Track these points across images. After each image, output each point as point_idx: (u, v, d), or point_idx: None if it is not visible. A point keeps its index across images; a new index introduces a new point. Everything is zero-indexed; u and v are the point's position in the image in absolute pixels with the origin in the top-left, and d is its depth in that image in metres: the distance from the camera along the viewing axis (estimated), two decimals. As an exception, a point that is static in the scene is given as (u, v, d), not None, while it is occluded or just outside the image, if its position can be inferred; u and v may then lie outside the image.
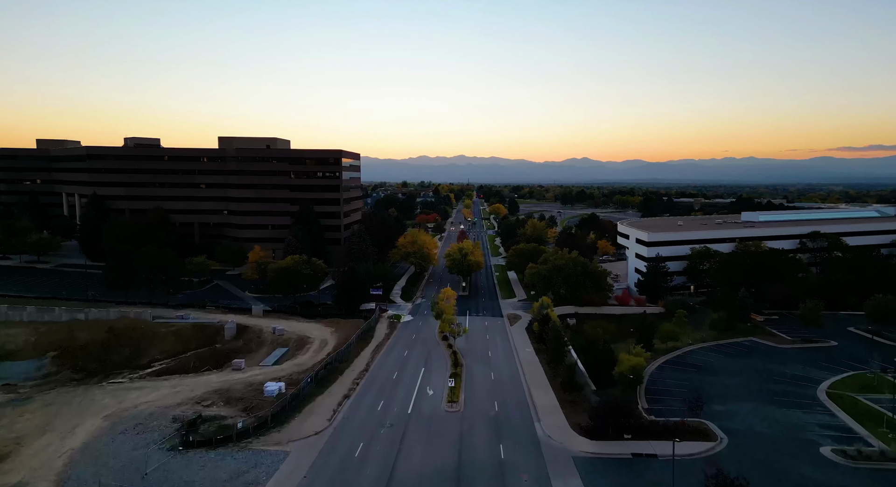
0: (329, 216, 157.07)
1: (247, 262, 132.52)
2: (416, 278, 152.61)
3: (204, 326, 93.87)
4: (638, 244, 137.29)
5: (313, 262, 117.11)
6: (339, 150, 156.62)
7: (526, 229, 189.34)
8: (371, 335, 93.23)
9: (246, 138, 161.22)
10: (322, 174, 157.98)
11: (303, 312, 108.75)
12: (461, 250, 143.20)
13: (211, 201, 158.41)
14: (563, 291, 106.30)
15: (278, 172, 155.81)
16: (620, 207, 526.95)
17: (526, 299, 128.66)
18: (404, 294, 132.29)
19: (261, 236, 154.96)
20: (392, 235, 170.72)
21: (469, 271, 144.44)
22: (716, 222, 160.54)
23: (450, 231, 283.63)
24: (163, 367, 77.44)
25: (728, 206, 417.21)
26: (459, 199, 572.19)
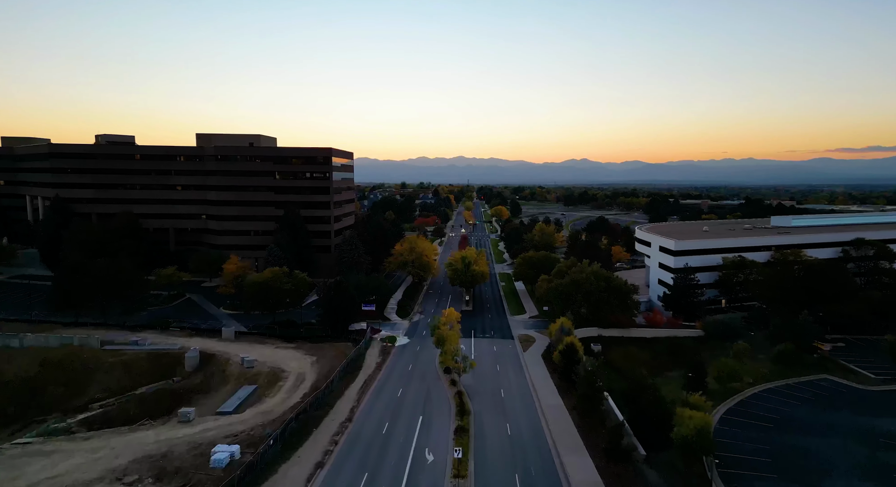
0: (318, 221, 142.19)
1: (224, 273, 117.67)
2: (414, 290, 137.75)
3: (161, 354, 78.97)
4: (662, 253, 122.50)
5: (295, 275, 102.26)
6: (329, 148, 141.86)
7: (533, 234, 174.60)
8: (360, 366, 78.35)
9: (226, 135, 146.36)
10: (310, 175, 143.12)
11: (282, 333, 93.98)
12: (464, 260, 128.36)
13: (187, 205, 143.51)
14: (585, 310, 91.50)
15: (262, 173, 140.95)
16: (625, 208, 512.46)
17: (538, 315, 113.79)
18: (400, 310, 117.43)
19: (242, 243, 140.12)
20: (388, 241, 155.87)
21: (473, 284, 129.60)
22: (744, 227, 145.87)
23: (450, 235, 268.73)
24: (98, 412, 62.58)
25: (737, 208, 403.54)
26: (460, 200, 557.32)
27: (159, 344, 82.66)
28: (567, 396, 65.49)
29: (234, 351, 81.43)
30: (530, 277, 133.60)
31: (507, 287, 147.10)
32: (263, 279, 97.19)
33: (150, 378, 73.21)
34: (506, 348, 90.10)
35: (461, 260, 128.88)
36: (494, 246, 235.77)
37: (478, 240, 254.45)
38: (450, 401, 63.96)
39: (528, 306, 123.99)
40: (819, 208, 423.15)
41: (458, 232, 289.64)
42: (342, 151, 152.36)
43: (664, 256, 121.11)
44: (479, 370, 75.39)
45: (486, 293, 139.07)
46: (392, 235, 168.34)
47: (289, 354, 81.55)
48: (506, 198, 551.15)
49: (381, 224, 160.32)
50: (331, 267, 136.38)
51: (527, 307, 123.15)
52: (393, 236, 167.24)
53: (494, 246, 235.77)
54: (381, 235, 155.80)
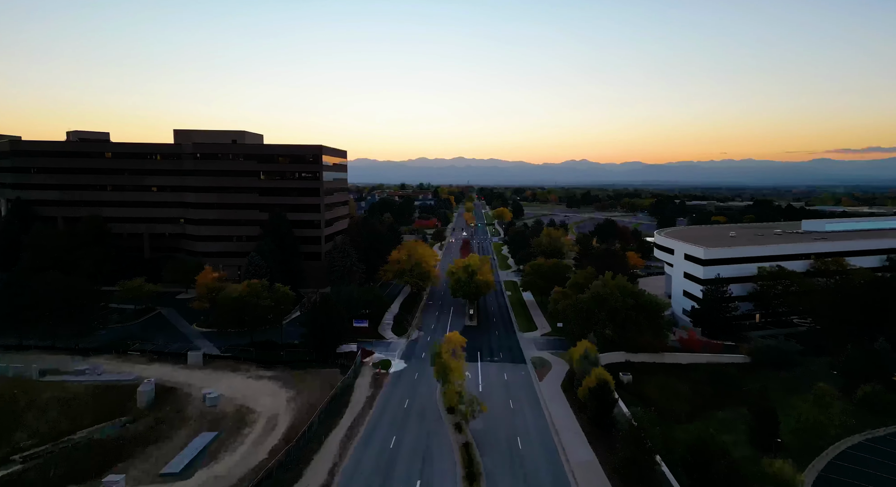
0: (307, 226, 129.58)
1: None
2: (413, 302, 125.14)
3: (110, 387, 66.46)
4: (688, 262, 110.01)
5: (276, 288, 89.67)
6: (319, 145, 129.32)
7: (541, 239, 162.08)
8: (346, 401, 65.82)
9: (207, 132, 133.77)
10: (298, 175, 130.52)
11: (260, 357, 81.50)
12: (467, 268, 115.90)
13: (164, 208, 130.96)
14: (610, 331, 78.96)
15: (245, 173, 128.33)
16: (629, 210, 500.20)
17: (551, 333, 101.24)
18: (397, 325, 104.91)
19: (224, 250, 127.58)
20: (384, 247, 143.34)
21: (477, 295, 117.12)
22: (774, 232, 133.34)
23: (450, 241, 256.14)
24: (16, 469, 49.96)
25: (745, 209, 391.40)
26: (460, 202, 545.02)
27: (110, 374, 70.07)
28: (600, 446, 52.98)
29: (199, 383, 68.85)
30: (540, 287, 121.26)
31: (514, 298, 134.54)
32: (238, 294, 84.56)
33: (94, 418, 60.60)
34: (518, 375, 77.52)
35: (464, 269, 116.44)
36: (497, 250, 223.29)
37: (480, 244, 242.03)
38: (455, 456, 51.42)
39: (539, 321, 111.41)
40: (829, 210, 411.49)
41: (458, 235, 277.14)
42: (334, 149, 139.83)
43: (691, 265, 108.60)
44: (490, 407, 62.90)
45: (492, 305, 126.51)
46: (389, 240, 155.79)
47: (263, 386, 68.95)
48: (507, 199, 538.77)
49: (376, 229, 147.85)
50: (320, 277, 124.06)
51: (538, 322, 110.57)
52: (390, 241, 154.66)
53: (497, 250, 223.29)
54: (376, 240, 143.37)
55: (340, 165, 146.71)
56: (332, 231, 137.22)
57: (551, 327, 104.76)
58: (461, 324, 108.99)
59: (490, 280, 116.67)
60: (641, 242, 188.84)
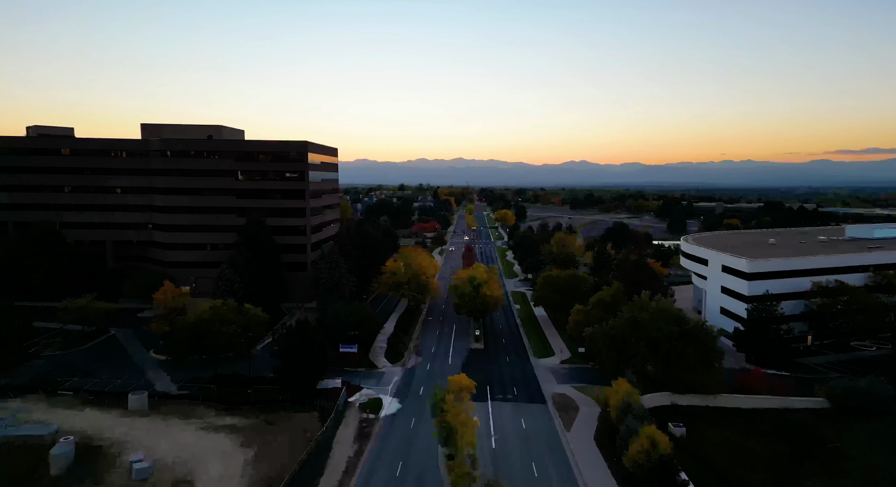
0: (291, 232, 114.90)
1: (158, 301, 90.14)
2: (410, 319, 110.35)
3: (19, 446, 51.67)
4: (728, 275, 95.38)
5: (246, 310, 74.86)
6: (305, 141, 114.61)
7: (551, 245, 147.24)
8: (322, 467, 51.07)
9: (178, 126, 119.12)
10: (282, 175, 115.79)
11: (223, 395, 66.84)
12: (472, 281, 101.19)
13: (129, 212, 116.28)
14: (652, 367, 64.20)
15: (221, 173, 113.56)
16: (635, 212, 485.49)
17: (572, 360, 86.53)
18: (391, 350, 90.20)
19: (196, 259, 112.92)
20: (379, 255, 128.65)
21: (484, 313, 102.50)
22: (818, 239, 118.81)
23: (452, 243, 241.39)
24: None
25: (757, 212, 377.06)
26: (460, 203, 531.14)
27: (24, 427, 55.27)
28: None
29: (136, 439, 54.14)
30: (555, 303, 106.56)
31: (524, 313, 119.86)
32: (198, 319, 69.76)
33: (-11, 494, 45.89)
34: (539, 422, 62.73)
35: (469, 282, 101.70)
36: (502, 256, 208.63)
37: (483, 249, 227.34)
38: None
39: (555, 342, 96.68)
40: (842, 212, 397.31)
41: (460, 239, 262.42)
42: (322, 146, 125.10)
43: (732, 279, 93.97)
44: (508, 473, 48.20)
45: (499, 322, 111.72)
46: (384, 246, 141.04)
47: (217, 442, 54.18)
48: (509, 201, 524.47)
49: (370, 234, 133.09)
50: (306, 289, 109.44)
51: (554, 344, 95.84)
52: (385, 248, 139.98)
53: (502, 256, 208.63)
54: (370, 247, 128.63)
55: (330, 165, 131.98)
56: (320, 238, 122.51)
57: (570, 351, 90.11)
58: (466, 346, 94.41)
59: (499, 296, 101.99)
60: (661, 249, 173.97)
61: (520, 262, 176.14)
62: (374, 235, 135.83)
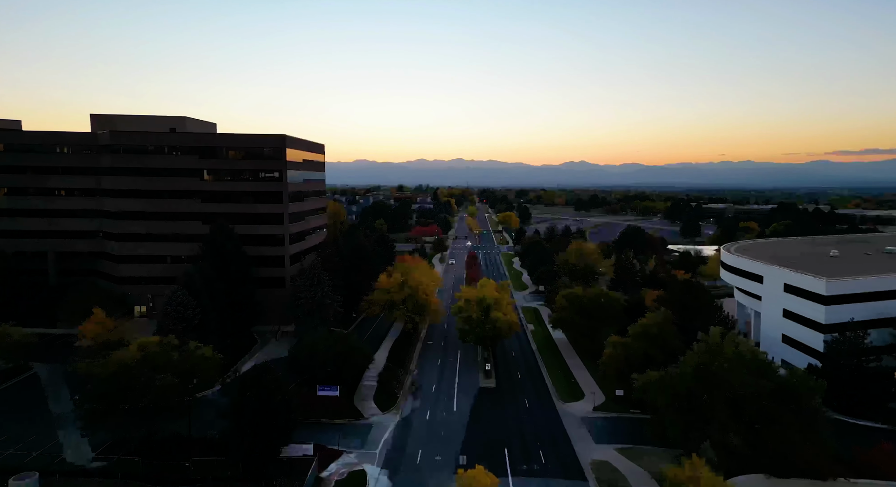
0: (266, 242, 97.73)
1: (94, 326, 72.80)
2: (405, 346, 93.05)
3: None
4: (794, 297, 78.15)
5: (190, 350, 57.51)
6: (283, 135, 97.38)
7: (568, 254, 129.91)
8: None
9: (135, 117, 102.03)
10: (255, 175, 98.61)
11: (152, 471, 49.54)
12: (482, 303, 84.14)
13: (76, 218, 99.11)
14: (736, 438, 46.79)
15: (184, 172, 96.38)
16: (643, 213, 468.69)
17: (608, 405, 69.21)
18: (382, 391, 72.97)
19: (154, 274, 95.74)
20: (371, 268, 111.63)
21: (496, 341, 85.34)
22: (886, 250, 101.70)
23: (453, 249, 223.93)
24: None
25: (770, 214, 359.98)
26: (461, 205, 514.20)
27: None
28: None
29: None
30: (579, 327, 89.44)
31: (539, 335, 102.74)
32: (119, 366, 52.39)
33: None
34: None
35: (477, 303, 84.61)
36: (508, 262, 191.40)
37: (486, 256, 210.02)
38: None
39: (582, 378, 79.41)
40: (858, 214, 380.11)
41: (462, 244, 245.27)
42: (304, 142, 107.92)
43: (801, 302, 76.72)
44: None
45: (512, 347, 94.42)
46: (378, 256, 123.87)
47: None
48: (511, 202, 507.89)
49: (362, 244, 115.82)
50: (282, 312, 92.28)
51: (581, 380, 78.58)
52: (380, 259, 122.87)
53: (508, 262, 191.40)
54: (361, 258, 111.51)
55: (314, 163, 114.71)
56: (302, 248, 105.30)
57: (604, 392, 72.88)
58: (474, 383, 77.26)
59: (513, 320, 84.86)
60: (688, 257, 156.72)
61: (529, 271, 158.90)
62: (366, 244, 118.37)
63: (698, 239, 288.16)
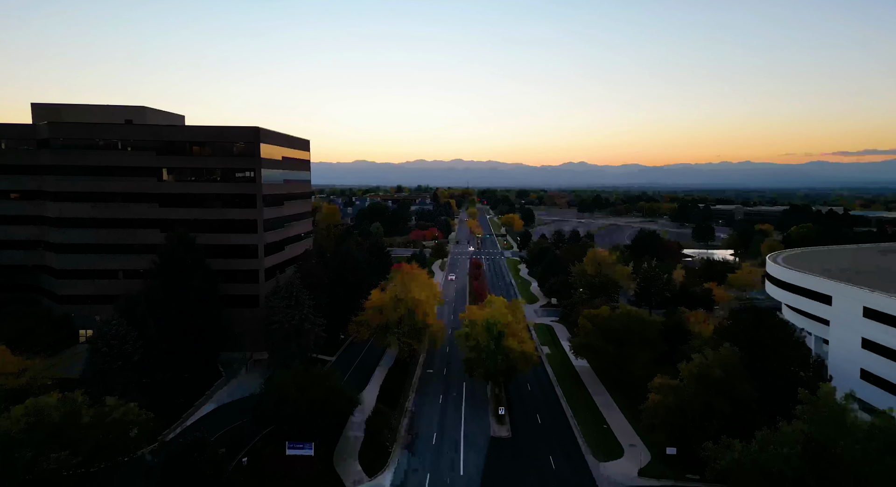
0: (236, 254, 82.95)
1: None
2: (400, 378, 78.15)
3: None
4: (880, 324, 63.49)
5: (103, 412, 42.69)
6: (256, 127, 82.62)
7: (585, 264, 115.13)
8: None
9: (85, 107, 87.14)
10: (225, 174, 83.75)
11: None
12: (492, 329, 69.35)
13: (11, 225, 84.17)
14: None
15: (139, 171, 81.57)
16: (648, 215, 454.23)
17: (655, 466, 54.40)
18: (369, 443, 58.21)
19: (104, 291, 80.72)
20: (363, 281, 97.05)
21: (510, 375, 70.50)
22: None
23: (454, 254, 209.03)
24: None
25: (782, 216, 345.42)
26: (461, 206, 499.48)
27: None
28: None
29: None
30: (607, 355, 74.77)
31: (556, 361, 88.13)
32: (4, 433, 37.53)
33: None
34: None
35: (486, 329, 69.82)
36: (514, 270, 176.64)
37: (490, 262, 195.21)
38: None
39: (617, 424, 64.63)
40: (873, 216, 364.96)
41: (463, 248, 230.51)
42: (283, 136, 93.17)
43: (891, 332, 62.03)
44: None
45: (528, 380, 79.48)
46: (372, 267, 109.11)
47: None
48: (513, 203, 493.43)
49: (351, 254, 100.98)
50: (257, 336, 77.58)
51: (617, 427, 63.78)
52: (373, 270, 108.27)
53: (514, 270, 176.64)
54: (351, 270, 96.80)
55: (296, 161, 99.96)
56: (280, 260, 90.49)
57: (646, 444, 58.17)
58: (484, 431, 62.58)
59: (530, 350, 69.93)
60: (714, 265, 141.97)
61: (539, 281, 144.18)
62: (357, 254, 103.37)
63: (711, 242, 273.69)
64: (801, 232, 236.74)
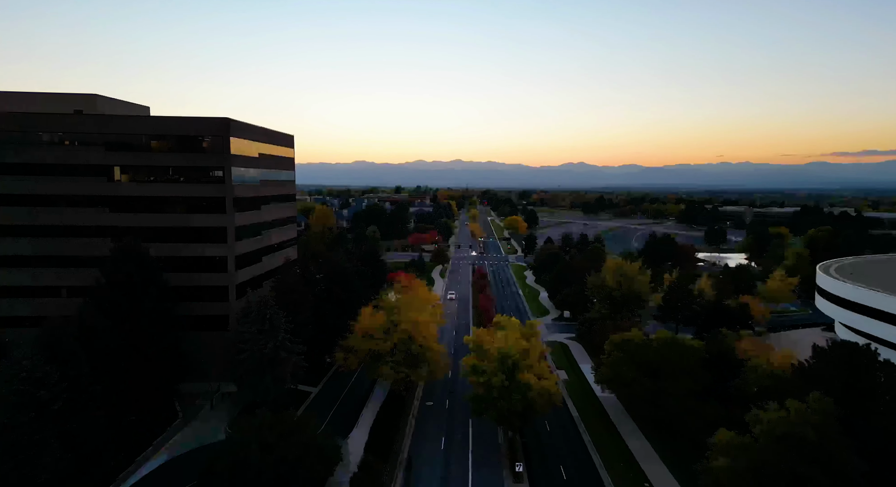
0: (201, 267, 70.50)
1: None
2: (393, 419, 65.45)
3: None
4: None
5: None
6: (226, 119, 70.08)
7: (604, 276, 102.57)
8: None
9: (24, 95, 74.50)
10: (189, 174, 71.24)
11: None
12: (505, 361, 56.89)
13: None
14: None
15: (86, 169, 69.08)
16: (655, 216, 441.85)
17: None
18: (354, 517, 45.64)
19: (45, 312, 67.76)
20: (354, 296, 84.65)
21: (527, 419, 57.94)
22: None
23: (455, 261, 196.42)
24: None
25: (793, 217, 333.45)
26: (462, 207, 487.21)
27: None
28: None
29: None
30: (641, 388, 62.38)
31: (576, 390, 75.90)
32: None
33: None
34: None
35: (500, 360, 57.35)
36: (520, 277, 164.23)
37: (495, 269, 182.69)
38: None
39: (661, 480, 52.21)
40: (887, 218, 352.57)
41: (465, 253, 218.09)
42: (259, 130, 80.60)
43: None
44: None
45: (546, 418, 66.89)
46: (365, 279, 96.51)
47: None
48: (515, 205, 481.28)
49: (339, 267, 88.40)
50: (226, 364, 65.14)
51: (662, 485, 51.32)
52: (366, 282, 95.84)
53: (520, 277, 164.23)
54: (340, 283, 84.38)
55: (277, 159, 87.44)
56: (256, 273, 77.95)
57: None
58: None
59: (552, 387, 57.27)
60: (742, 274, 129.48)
61: (550, 292, 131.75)
62: (347, 266, 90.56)
63: (724, 246, 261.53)
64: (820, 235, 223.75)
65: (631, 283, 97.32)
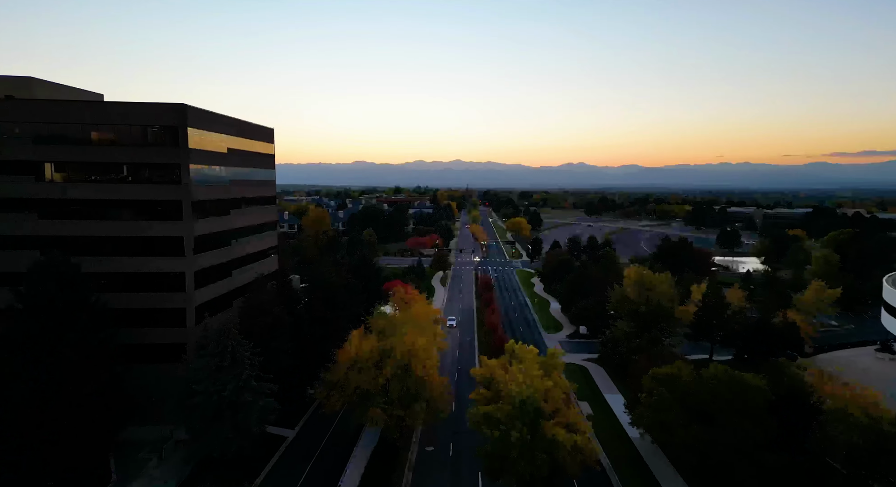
0: (153, 285, 58.10)
1: None
2: (385, 474, 53.01)
3: None
4: None
5: None
6: (181, 105, 57.67)
7: (625, 288, 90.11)
8: None
9: (-59, 77, 62.17)
10: (139, 172, 58.88)
11: None
12: (525, 408, 44.47)
13: None
14: None
15: (10, 166, 56.75)
16: (660, 217, 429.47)
17: None
18: None
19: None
20: (341, 317, 72.29)
21: (554, 483, 45.51)
22: None
23: (457, 267, 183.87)
24: None
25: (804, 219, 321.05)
26: (462, 208, 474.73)
27: None
28: None
29: None
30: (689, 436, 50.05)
31: (605, 430, 63.21)
32: None
33: None
34: None
35: (520, 409, 44.96)
36: (527, 285, 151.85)
37: (499, 276, 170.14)
38: None
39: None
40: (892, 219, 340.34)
41: (467, 258, 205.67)
42: (227, 120, 68.11)
43: None
44: None
45: (572, 471, 54.52)
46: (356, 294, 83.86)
47: None
48: (517, 205, 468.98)
49: (326, 281, 75.86)
50: (177, 411, 52.65)
51: None
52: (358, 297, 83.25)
53: (527, 285, 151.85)
54: (327, 301, 71.96)
55: (251, 155, 75.02)
56: (224, 291, 65.51)
57: None
58: None
59: (584, 443, 44.86)
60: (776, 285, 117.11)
61: (563, 304, 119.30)
62: (336, 280, 77.77)
63: (738, 249, 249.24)
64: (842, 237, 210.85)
65: (658, 296, 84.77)
